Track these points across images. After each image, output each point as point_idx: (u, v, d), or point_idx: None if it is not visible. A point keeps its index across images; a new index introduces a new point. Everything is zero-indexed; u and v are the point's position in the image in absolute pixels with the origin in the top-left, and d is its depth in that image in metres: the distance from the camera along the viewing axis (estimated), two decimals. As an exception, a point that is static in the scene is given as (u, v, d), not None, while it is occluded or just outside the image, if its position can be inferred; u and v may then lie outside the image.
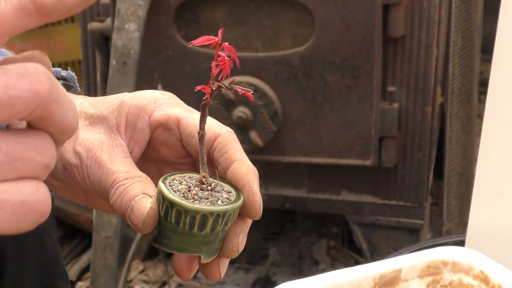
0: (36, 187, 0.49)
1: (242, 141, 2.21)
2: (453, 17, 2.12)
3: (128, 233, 2.27)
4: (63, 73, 0.81)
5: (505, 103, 1.18)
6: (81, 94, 0.80)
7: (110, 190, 0.69)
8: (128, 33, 2.02)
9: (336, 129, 2.12)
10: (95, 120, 0.73)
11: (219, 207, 0.65)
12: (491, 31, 1.54)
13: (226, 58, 0.65)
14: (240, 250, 0.69)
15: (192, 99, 0.94)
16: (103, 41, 2.17)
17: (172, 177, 0.69)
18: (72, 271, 2.49)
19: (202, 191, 0.67)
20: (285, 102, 2.12)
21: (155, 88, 2.16)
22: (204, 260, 0.68)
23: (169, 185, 0.67)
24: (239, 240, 0.69)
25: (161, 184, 0.67)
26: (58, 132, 0.51)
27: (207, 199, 0.66)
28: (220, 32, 0.65)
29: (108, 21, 2.15)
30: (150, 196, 0.67)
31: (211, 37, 0.66)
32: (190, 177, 0.69)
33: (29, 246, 0.91)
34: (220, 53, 0.66)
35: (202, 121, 0.69)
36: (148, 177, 0.70)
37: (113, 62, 2.02)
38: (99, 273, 2.07)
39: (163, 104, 0.74)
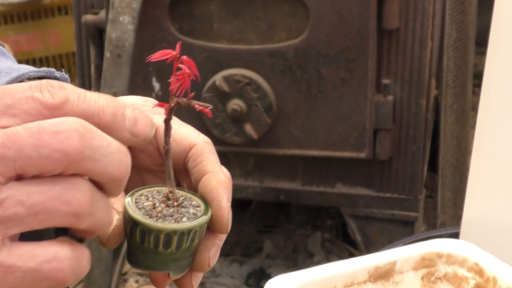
0: (55, 253, 0.50)
1: (236, 134, 2.22)
2: (448, 9, 2.12)
3: (122, 226, 2.26)
4: (57, 73, 0.81)
5: (499, 95, 1.19)
6: None
7: None
8: (122, 25, 2.01)
9: (331, 121, 2.12)
10: None
11: (183, 225, 0.64)
12: (485, 23, 1.54)
13: (186, 72, 0.64)
14: (212, 264, 0.68)
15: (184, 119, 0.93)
16: (97, 33, 2.16)
17: (140, 192, 0.67)
18: (67, 264, 2.49)
19: (167, 208, 0.66)
20: (279, 95, 2.12)
21: (149, 80, 2.16)
22: (173, 277, 0.67)
23: (135, 202, 0.66)
24: (210, 255, 0.68)
25: (126, 201, 0.65)
26: (101, 182, 0.53)
27: (171, 216, 0.65)
28: (178, 45, 0.63)
29: (102, 13, 2.14)
30: (118, 212, 0.66)
31: (169, 50, 0.64)
32: (158, 192, 0.68)
33: (26, 240, 0.91)
34: (180, 66, 0.64)
35: (166, 135, 0.67)
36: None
37: (107, 54, 2.02)
38: (93, 266, 2.07)
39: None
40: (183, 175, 0.71)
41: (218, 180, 0.68)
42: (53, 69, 0.80)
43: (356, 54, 2.05)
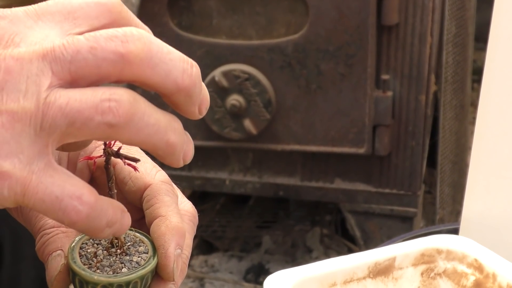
0: (81, 194, 0.51)
1: (235, 129, 2.22)
2: (447, 5, 2.12)
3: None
4: None
5: (499, 91, 1.18)
6: None
7: (37, 236, 0.66)
8: (121, 20, 2.01)
9: (330, 117, 2.11)
10: None
11: (118, 278, 0.61)
12: (484, 19, 1.53)
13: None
14: None
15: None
16: (96, 28, 2.16)
17: (88, 236, 0.65)
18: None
19: (109, 256, 0.63)
20: (278, 90, 2.11)
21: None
22: None
23: (81, 248, 0.63)
24: None
25: (70, 247, 0.63)
26: (165, 93, 0.52)
27: (110, 266, 0.62)
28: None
29: (101, 8, 2.14)
30: (64, 257, 0.63)
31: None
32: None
33: (26, 239, 0.91)
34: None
35: (109, 180, 0.64)
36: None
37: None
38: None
39: (102, 145, 0.71)
40: (139, 214, 0.68)
41: (168, 225, 0.64)
42: None
43: (356, 50, 2.05)
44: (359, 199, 2.22)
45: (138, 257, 0.64)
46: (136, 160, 0.63)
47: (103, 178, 0.70)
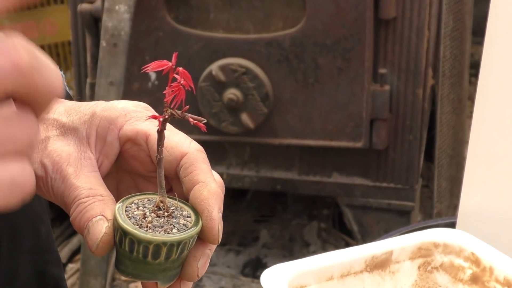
0: (22, 166, 0.49)
1: (233, 124, 2.21)
2: (445, -1, 2.12)
3: (119, 215, 2.26)
4: None
5: (496, 85, 1.19)
6: (69, 93, 0.79)
7: (71, 206, 0.67)
8: (118, 14, 2.00)
9: (327, 111, 2.11)
10: (66, 130, 0.72)
11: (172, 237, 0.64)
12: (482, 13, 1.53)
13: (181, 83, 0.63)
14: (201, 274, 0.68)
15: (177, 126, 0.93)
16: (93, 22, 2.16)
17: (131, 200, 0.67)
18: (63, 253, 2.49)
19: (157, 218, 0.65)
20: (276, 84, 2.11)
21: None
22: (161, 286, 0.67)
23: (126, 210, 0.65)
24: (199, 265, 0.67)
25: (116, 210, 0.65)
26: (43, 97, 0.51)
27: (161, 227, 0.65)
28: (174, 56, 0.62)
29: (98, 2, 2.14)
30: (107, 220, 0.65)
31: (165, 62, 0.63)
32: (149, 200, 0.67)
33: (23, 233, 0.91)
34: (175, 76, 0.63)
35: (159, 145, 0.66)
36: (111, 196, 0.68)
37: (103, 43, 2.01)
38: (89, 255, 2.07)
39: (134, 118, 0.72)
40: (175, 182, 0.71)
41: (209, 190, 0.67)
42: None
43: (353, 44, 2.05)
44: (357, 193, 2.22)
45: (184, 220, 0.66)
46: (202, 119, 0.65)
47: (132, 151, 0.72)
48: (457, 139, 2.51)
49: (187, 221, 0.66)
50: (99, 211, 0.66)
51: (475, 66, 2.64)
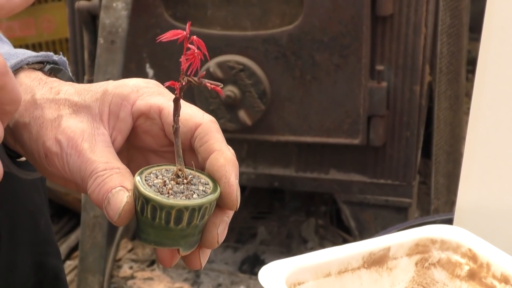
0: None
1: (230, 120, 2.22)
2: (442, -5, 2.12)
3: (116, 212, 2.26)
4: (55, 57, 0.81)
5: (493, 82, 1.19)
6: (71, 79, 0.80)
7: (89, 180, 0.68)
8: (116, 11, 2.00)
9: (325, 108, 2.12)
10: (79, 108, 0.73)
11: (194, 201, 0.65)
12: (479, 9, 1.53)
13: (195, 51, 0.65)
14: (221, 241, 0.70)
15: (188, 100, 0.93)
16: (91, 19, 2.16)
17: (149, 170, 0.68)
18: (61, 250, 2.49)
19: (177, 185, 0.67)
20: (273, 81, 2.11)
21: (143, 67, 2.15)
22: (183, 253, 0.68)
23: (145, 180, 0.67)
24: (219, 232, 0.69)
25: (136, 179, 0.66)
26: (8, 103, 0.57)
27: (182, 193, 0.66)
28: (188, 25, 0.64)
29: (96, -1, 2.14)
30: (127, 190, 0.67)
31: (179, 31, 0.64)
32: (166, 170, 0.69)
33: (22, 225, 0.91)
34: (189, 45, 0.65)
35: (176, 114, 0.68)
36: (127, 169, 0.70)
37: (101, 40, 2.01)
38: (87, 252, 2.07)
39: (146, 93, 0.73)
40: (188, 154, 0.72)
41: (226, 158, 0.69)
42: (51, 53, 0.80)
43: (350, 40, 2.05)
44: (354, 189, 2.23)
45: (203, 186, 0.68)
46: (219, 84, 0.67)
47: (145, 126, 0.74)
48: (454, 135, 2.52)
49: (206, 187, 0.67)
50: (118, 182, 0.67)
51: (472, 63, 2.64)
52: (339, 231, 2.54)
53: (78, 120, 0.72)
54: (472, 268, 1.09)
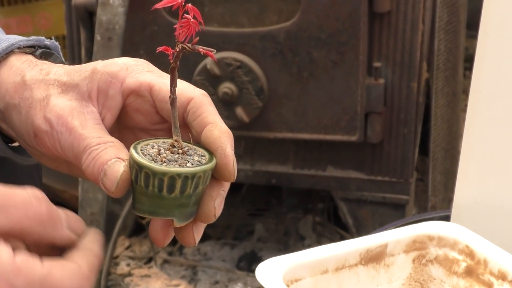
0: None
1: (228, 117, 2.22)
2: (439, -8, 2.12)
3: (114, 210, 2.26)
4: (47, 41, 0.81)
5: (490, 78, 1.19)
6: (63, 63, 0.80)
7: (83, 156, 0.69)
8: (112, 8, 2.00)
9: (322, 105, 2.11)
10: (67, 87, 0.73)
11: (187, 169, 0.65)
12: (476, 6, 1.53)
13: (190, 20, 0.65)
14: (217, 215, 0.69)
15: (178, 75, 0.93)
16: (88, 16, 2.15)
17: (146, 142, 0.69)
18: (58, 247, 2.49)
19: (172, 154, 0.67)
20: (270, 78, 2.11)
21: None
22: (177, 224, 0.68)
23: (141, 150, 0.67)
24: (216, 205, 0.69)
25: (131, 148, 0.67)
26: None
27: (176, 161, 0.66)
28: None
29: (93, -4, 2.13)
30: (123, 160, 0.67)
31: None
32: (164, 142, 0.69)
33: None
34: (186, 15, 0.65)
35: (172, 84, 0.68)
36: (121, 143, 0.70)
37: (97, 37, 2.01)
38: (85, 250, 2.06)
39: (135, 71, 0.73)
40: (182, 130, 0.72)
41: (220, 129, 0.69)
42: (43, 38, 0.80)
43: (348, 37, 2.04)
44: (352, 186, 2.23)
45: (199, 157, 0.68)
46: (212, 50, 0.67)
47: (136, 104, 0.74)
48: (452, 132, 2.52)
49: (201, 158, 0.68)
50: (114, 154, 0.68)
51: (469, 60, 2.64)
52: (337, 228, 2.54)
53: (66, 98, 0.72)
54: (469, 264, 1.09)
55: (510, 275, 1.03)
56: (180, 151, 0.67)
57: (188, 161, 0.67)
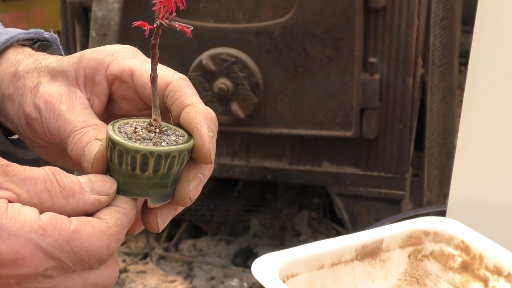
0: None
1: (223, 113, 2.21)
2: (434, -12, 2.12)
3: (109, 206, 2.26)
4: (46, 34, 0.81)
5: (485, 74, 1.19)
6: (61, 55, 0.80)
7: (68, 140, 0.69)
8: (108, 4, 2.00)
9: (318, 100, 2.11)
10: (56, 73, 0.73)
11: (160, 148, 0.64)
12: (471, 2, 1.53)
13: None
14: (193, 198, 0.68)
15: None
16: (83, 12, 2.15)
17: (125, 121, 0.68)
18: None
19: (148, 133, 0.66)
20: (266, 74, 2.11)
21: (135, 60, 2.15)
22: (152, 204, 0.67)
23: (118, 128, 0.67)
24: (191, 187, 0.68)
25: (109, 126, 0.67)
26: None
27: (150, 140, 0.66)
28: None
29: (88, -8, 2.13)
30: (100, 139, 0.67)
31: None
32: (144, 122, 0.68)
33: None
34: None
35: (153, 63, 0.67)
36: (105, 124, 0.70)
37: (93, 33, 2.01)
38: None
39: (120, 57, 0.73)
40: (164, 116, 0.72)
41: (197, 110, 0.68)
42: (42, 30, 0.80)
43: (343, 33, 2.04)
44: (347, 182, 2.23)
45: (176, 137, 0.67)
46: (189, 26, 0.66)
47: (120, 90, 0.74)
48: (447, 128, 2.52)
49: (179, 138, 0.67)
50: (93, 136, 0.68)
51: (465, 55, 2.64)
52: (332, 224, 2.54)
53: (55, 85, 0.72)
54: (465, 260, 1.09)
55: (506, 270, 1.03)
56: (158, 130, 0.67)
57: (164, 141, 0.66)
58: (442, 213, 1.26)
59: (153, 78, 0.67)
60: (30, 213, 0.59)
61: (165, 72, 0.71)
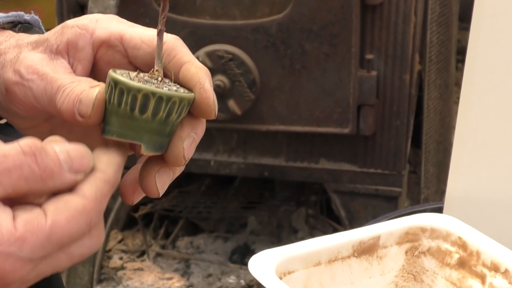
0: None
1: (220, 110, 2.20)
2: (431, -16, 2.12)
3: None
4: (26, 16, 0.81)
5: (482, 71, 1.19)
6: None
7: (57, 96, 0.67)
8: (104, 1, 1.99)
9: (314, 97, 2.11)
10: (37, 44, 0.72)
11: (161, 90, 0.64)
12: (469, -2, 1.53)
13: None
14: (187, 157, 0.67)
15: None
16: (79, 9, 2.15)
17: (127, 70, 0.68)
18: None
19: (150, 79, 0.66)
20: (263, 71, 2.11)
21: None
22: (145, 151, 0.66)
23: (119, 72, 0.66)
24: (185, 146, 0.67)
25: (110, 69, 0.66)
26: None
27: (153, 84, 0.65)
28: None
29: (84, -11, 2.13)
30: (99, 85, 0.66)
31: None
32: (144, 74, 0.68)
33: None
34: None
35: (162, 15, 0.68)
36: (93, 79, 0.69)
37: (89, 30, 2.00)
38: (77, 243, 2.06)
39: (105, 22, 0.73)
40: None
41: (197, 66, 0.68)
42: (22, 13, 0.80)
43: (340, 29, 2.04)
44: (344, 179, 2.23)
45: (177, 88, 0.67)
46: None
47: (107, 56, 0.73)
48: (444, 124, 2.52)
49: (179, 89, 0.67)
50: (88, 85, 0.67)
51: (461, 52, 2.64)
52: (329, 221, 2.54)
53: (36, 51, 0.71)
54: (462, 256, 1.09)
55: (503, 266, 1.03)
56: (160, 78, 0.67)
57: (166, 87, 0.66)
58: (439, 210, 1.26)
59: (160, 30, 0.68)
60: (6, 225, 0.57)
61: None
